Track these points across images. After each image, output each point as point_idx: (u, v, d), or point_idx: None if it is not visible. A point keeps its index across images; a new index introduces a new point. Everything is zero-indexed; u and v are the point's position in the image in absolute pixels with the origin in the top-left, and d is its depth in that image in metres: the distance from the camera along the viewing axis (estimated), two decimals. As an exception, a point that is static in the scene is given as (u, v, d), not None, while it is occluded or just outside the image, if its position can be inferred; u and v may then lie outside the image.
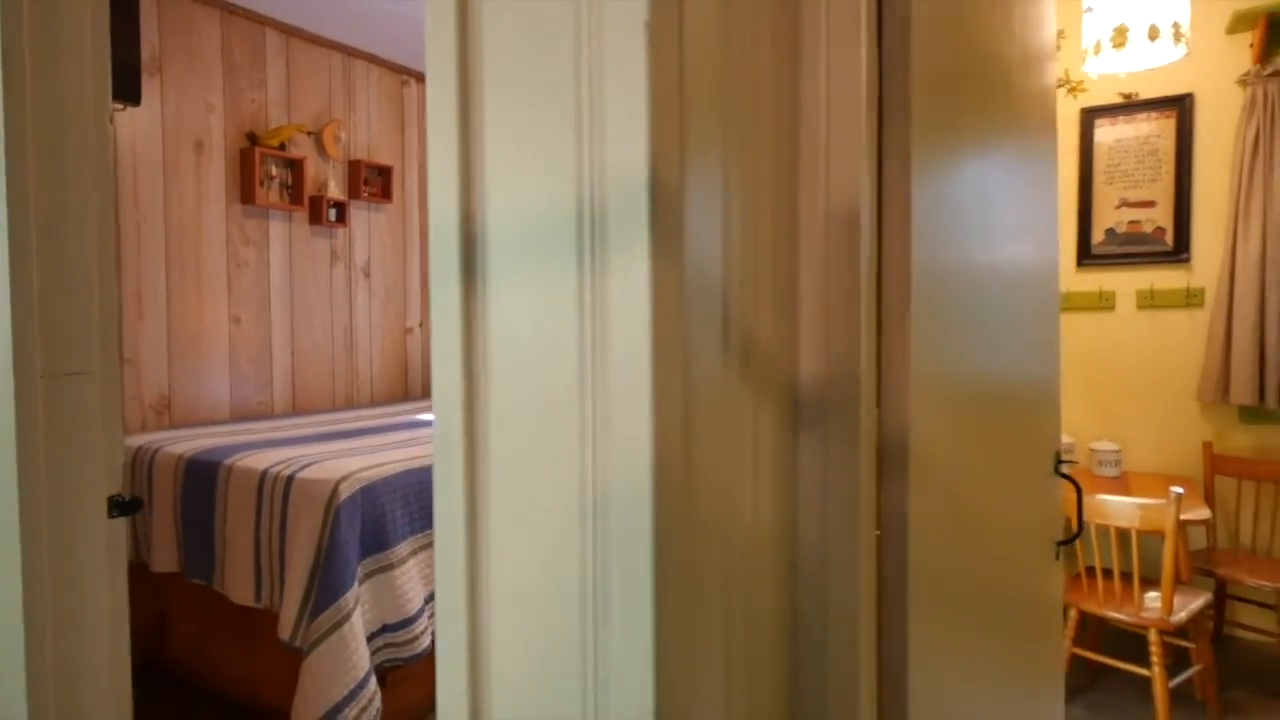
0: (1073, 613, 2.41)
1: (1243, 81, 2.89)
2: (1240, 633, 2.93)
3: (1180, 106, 3.02)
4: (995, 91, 1.00)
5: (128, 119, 2.89)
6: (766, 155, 0.60)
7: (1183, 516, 2.41)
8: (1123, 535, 2.97)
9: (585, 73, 0.42)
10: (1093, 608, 2.33)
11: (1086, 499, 2.29)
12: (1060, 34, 2.31)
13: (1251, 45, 2.86)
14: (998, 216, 1.04)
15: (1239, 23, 2.83)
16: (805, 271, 0.65)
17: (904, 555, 0.72)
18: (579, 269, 0.43)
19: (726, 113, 0.52)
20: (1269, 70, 2.80)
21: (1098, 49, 2.51)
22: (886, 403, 0.72)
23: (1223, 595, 2.87)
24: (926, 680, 0.77)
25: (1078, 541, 2.50)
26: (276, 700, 2.23)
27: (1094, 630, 2.74)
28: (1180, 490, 2.11)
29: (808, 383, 0.65)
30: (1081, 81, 2.46)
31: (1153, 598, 2.35)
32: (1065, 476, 1.33)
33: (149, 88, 2.96)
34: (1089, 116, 3.18)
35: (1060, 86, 2.34)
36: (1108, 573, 2.54)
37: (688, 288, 0.46)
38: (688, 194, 0.46)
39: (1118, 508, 2.23)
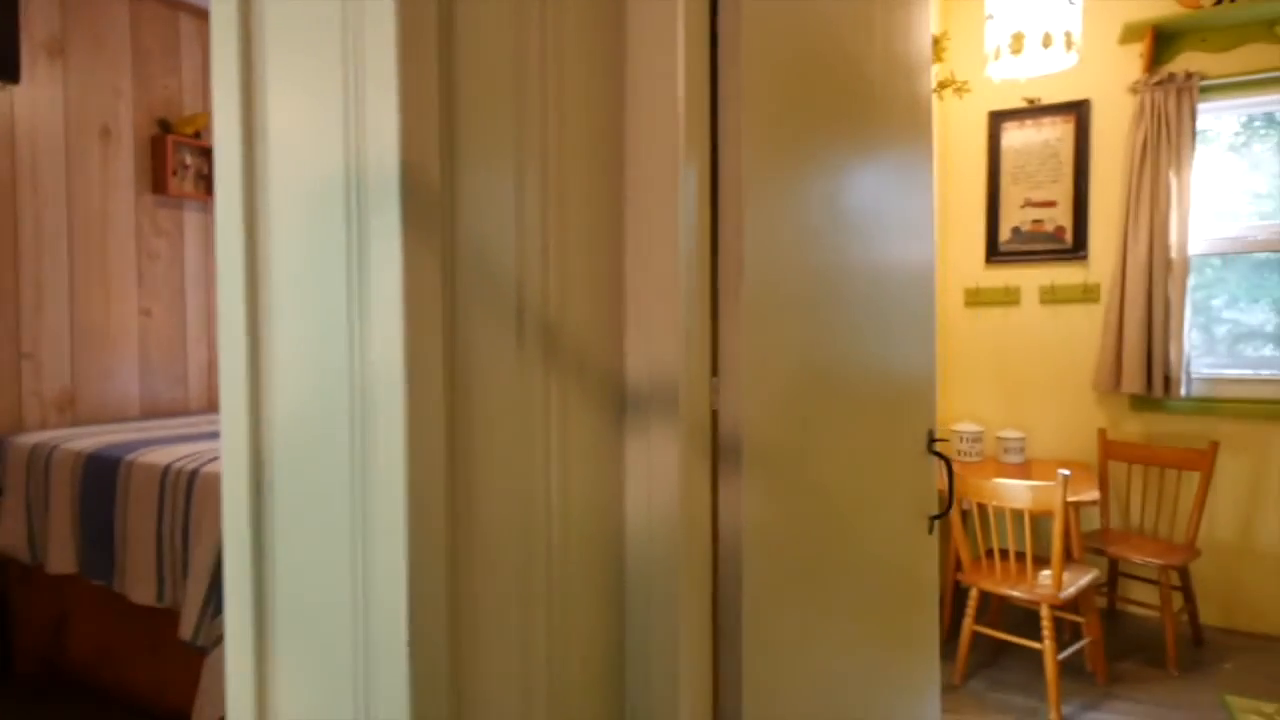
0: (974, 592, 2.53)
1: (1133, 89, 3.07)
2: (1130, 608, 3.11)
3: (1079, 112, 3.18)
4: (856, 97, 1.06)
5: (28, 103, 2.77)
6: (582, 153, 0.63)
7: (1072, 498, 2.55)
8: (1018, 517, 3.13)
9: (350, 52, 0.44)
10: (991, 586, 2.45)
11: (983, 483, 2.41)
12: (942, 37, 2.42)
13: (1141, 55, 3.04)
14: (863, 218, 1.09)
15: (1129, 34, 3.01)
16: (630, 270, 0.68)
17: (739, 543, 0.75)
18: (346, 251, 0.44)
19: (523, 109, 0.55)
20: (1156, 79, 2.98)
21: (997, 54, 2.63)
22: (725, 399, 0.76)
23: (1114, 573, 3.04)
24: (766, 659, 0.81)
25: (979, 524, 2.60)
26: (184, 704, 2.18)
27: (996, 609, 2.87)
28: (1066, 473, 2.24)
29: (634, 377, 0.68)
30: (966, 82, 2.58)
31: (1046, 575, 2.48)
32: (938, 455, 1.41)
33: (50, 70, 2.84)
34: (996, 120, 3.32)
35: (946, 88, 2.45)
36: (1005, 554, 2.67)
37: (461, 279, 0.48)
38: (462, 184, 0.48)
39: (1011, 490, 2.35)
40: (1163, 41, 3.02)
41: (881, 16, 1.15)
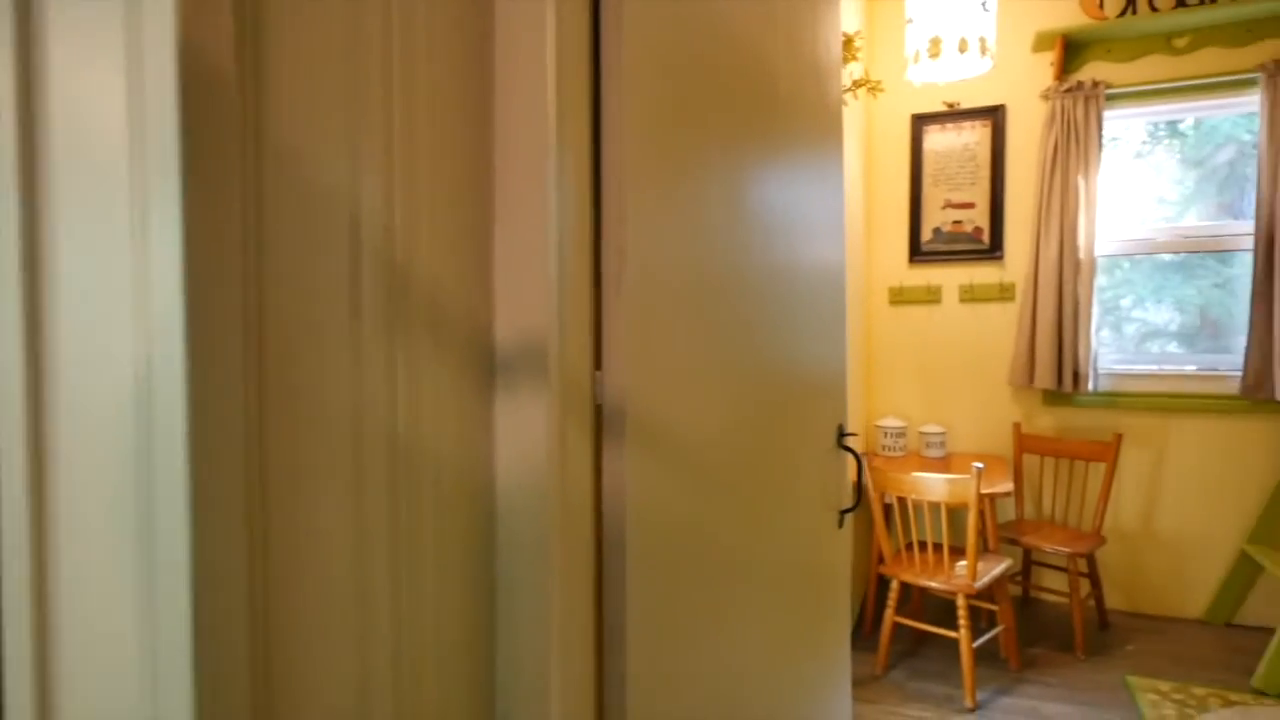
0: (895, 584, 2.58)
1: (1045, 96, 3.19)
2: (1043, 595, 3.23)
3: (995, 117, 3.29)
4: (759, 96, 1.05)
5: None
6: (443, 78, 0.59)
7: (987, 490, 2.63)
8: (936, 509, 3.22)
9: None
10: (910, 578, 2.50)
11: (903, 477, 2.46)
12: (855, 36, 2.47)
13: (1052, 64, 3.16)
14: (768, 215, 1.08)
15: (1041, 43, 3.12)
16: (499, 225, 0.65)
17: (623, 521, 0.73)
18: (130, 182, 0.39)
19: (356, 70, 0.51)
20: (1065, 87, 3.10)
21: (917, 58, 2.69)
22: (610, 379, 0.73)
23: (1028, 561, 3.16)
24: (657, 646, 0.78)
25: (900, 518, 2.66)
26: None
27: (918, 599, 2.94)
28: (980, 466, 2.31)
29: (503, 336, 0.65)
30: (880, 82, 2.64)
31: (962, 566, 2.55)
32: (848, 449, 1.42)
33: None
34: (918, 123, 3.41)
35: (860, 87, 2.49)
36: (925, 546, 2.73)
37: (271, 203, 0.44)
38: (271, 83, 0.44)
39: (929, 484, 2.40)
40: (1072, 51, 3.14)
41: (787, 17, 1.15)
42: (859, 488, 1.39)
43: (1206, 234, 3.11)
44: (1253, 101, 2.97)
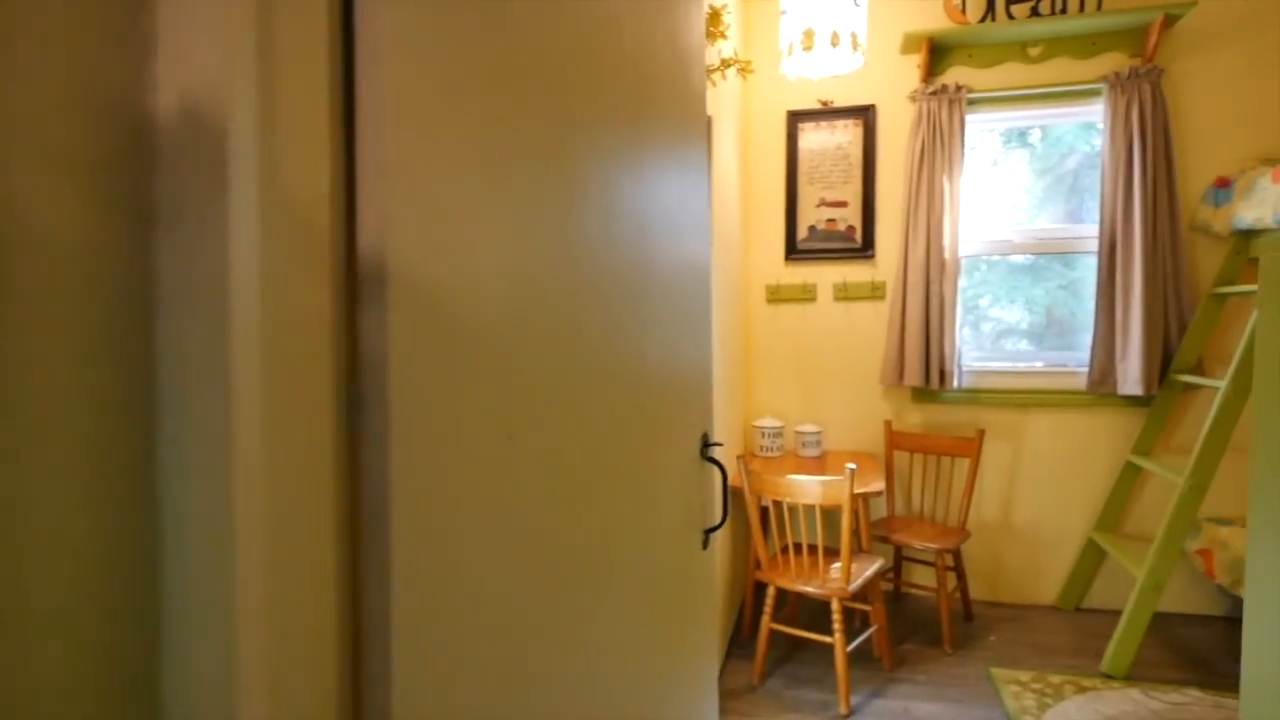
0: (771, 589, 2.50)
1: (912, 97, 3.23)
2: (914, 591, 3.28)
3: (866, 116, 3.31)
4: (601, 79, 0.87)
5: None
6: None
7: (860, 490, 2.61)
8: (811, 512, 3.19)
9: None
10: (786, 583, 2.43)
11: (778, 480, 2.38)
12: (721, 10, 2.37)
13: (919, 66, 3.21)
14: (610, 210, 0.91)
15: (909, 44, 3.16)
16: None
17: (386, 439, 0.51)
18: None
19: None
20: (931, 89, 3.15)
21: (790, 50, 2.63)
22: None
23: (900, 558, 3.20)
24: (433, 628, 0.58)
25: (775, 521, 2.58)
26: None
27: (795, 604, 2.90)
28: (852, 467, 2.26)
29: (167, 109, 0.40)
30: (750, 62, 2.56)
31: (837, 569, 2.51)
32: (712, 461, 1.28)
33: None
34: (794, 120, 3.38)
35: (728, 66, 2.40)
36: (801, 549, 2.68)
37: None
38: None
39: (803, 487, 2.33)
40: (937, 54, 3.20)
41: (630, 13, 0.98)
42: (725, 499, 1.25)
43: (1056, 237, 3.26)
44: (1097, 111, 3.13)
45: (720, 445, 1.28)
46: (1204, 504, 2.99)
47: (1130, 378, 2.93)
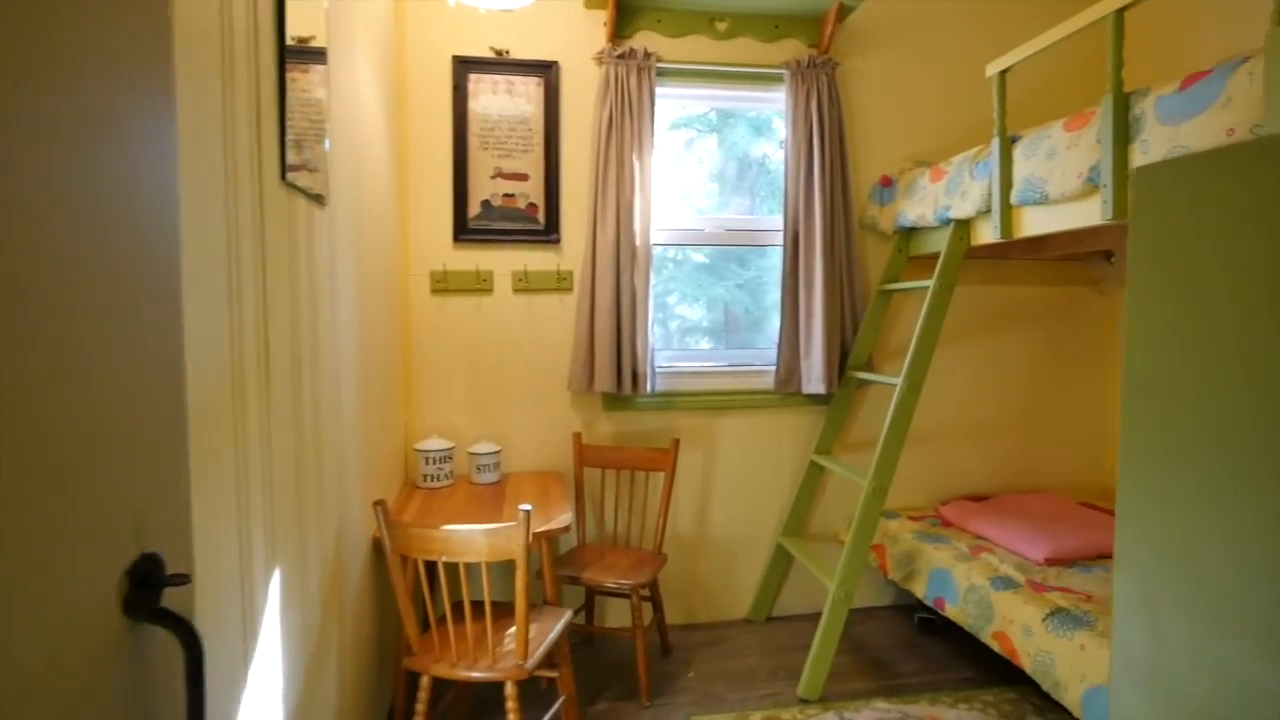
0: (425, 681, 1.85)
1: (598, 59, 2.80)
2: (608, 630, 2.88)
3: (548, 75, 2.80)
4: None
5: None
6: None
7: (544, 528, 2.08)
8: (478, 568, 2.54)
9: None
10: (446, 670, 1.80)
11: (429, 533, 1.74)
12: None
13: (605, 24, 2.79)
14: None
15: (594, -3, 2.72)
16: None
17: None
18: None
19: None
20: (618, 51, 2.75)
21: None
22: None
23: (592, 597, 2.75)
24: None
25: (429, 585, 1.90)
26: None
27: (461, 689, 2.26)
28: (527, 508, 1.70)
29: None
30: None
31: (513, 635, 1.94)
32: (162, 620, 0.59)
33: None
34: (463, 69, 2.74)
35: None
36: (472, 610, 2.03)
37: None
38: None
39: (465, 541, 1.72)
40: (625, 13, 2.81)
41: None
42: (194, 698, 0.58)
43: (744, 228, 3.09)
44: (781, 99, 3.01)
45: (186, 581, 0.59)
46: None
47: (813, 376, 2.84)
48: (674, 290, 3.13)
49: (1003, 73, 2.24)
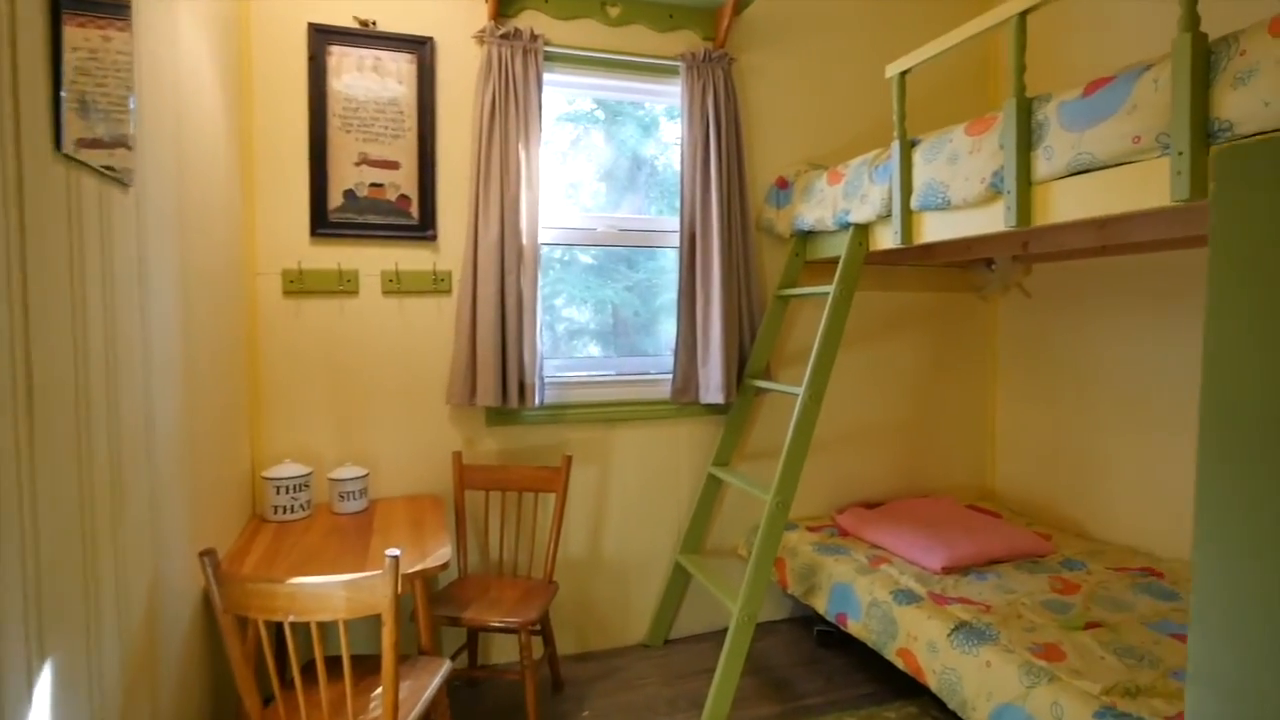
0: (269, 763, 1.53)
1: (479, 38, 2.54)
2: (495, 672, 2.61)
3: (421, 53, 2.50)
4: None
5: None
6: None
7: (418, 567, 1.80)
8: (334, 626, 2.20)
9: None
10: (294, 750, 1.49)
11: (271, 589, 1.43)
12: None
13: (486, 0, 2.53)
14: None
15: (473, -33, 2.46)
16: None
17: None
18: None
19: None
20: (502, 31, 2.49)
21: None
22: None
23: (476, 634, 2.48)
24: None
25: (272, 648, 1.55)
26: None
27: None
28: (396, 553, 1.43)
29: None
30: None
31: (379, 699, 1.66)
32: None
33: None
34: (320, 38, 2.40)
35: None
36: (334, 663, 1.72)
37: None
38: None
39: (315, 596, 1.43)
40: (508, -10, 2.56)
41: None
42: None
43: (638, 229, 2.92)
44: (675, 93, 2.86)
45: None
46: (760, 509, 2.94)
47: (712, 385, 2.70)
48: (561, 292, 2.91)
49: (903, 74, 2.18)
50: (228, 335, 2.07)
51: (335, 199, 2.44)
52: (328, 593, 1.44)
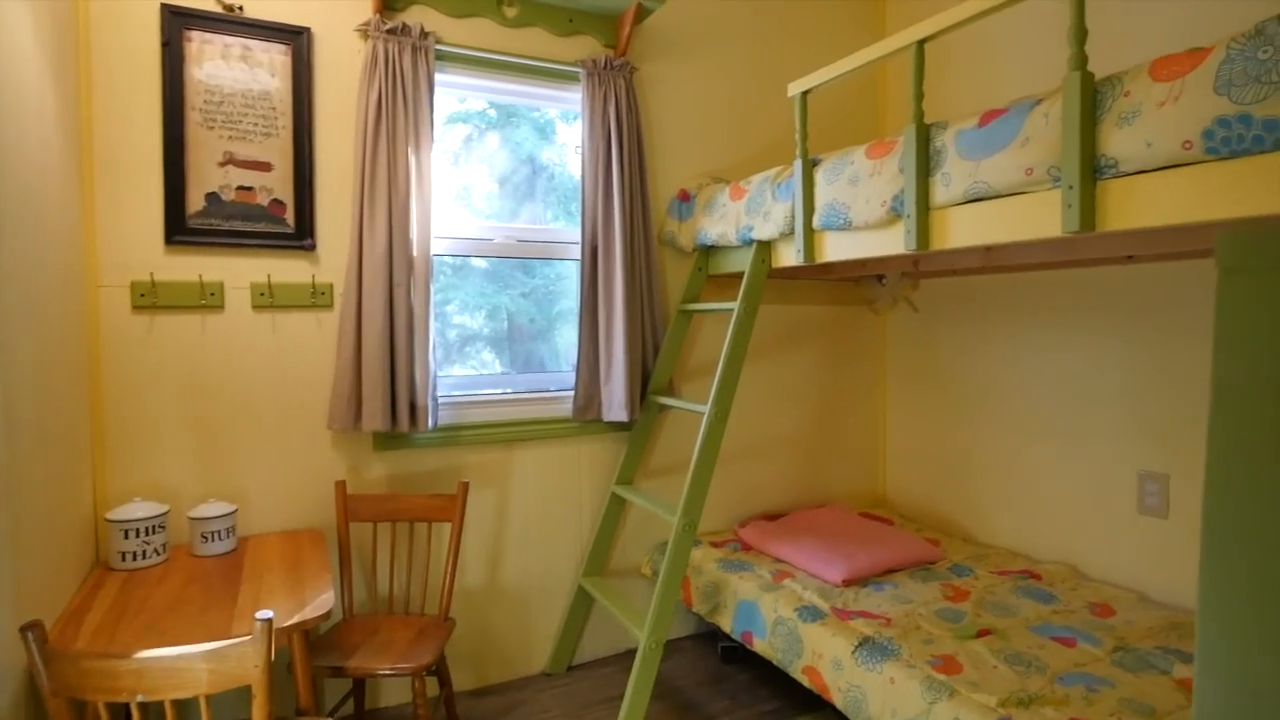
0: None
1: (363, 32, 2.35)
2: (385, 713, 2.42)
3: (297, 44, 2.28)
4: None
5: None
6: None
7: (295, 620, 1.62)
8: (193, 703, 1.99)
9: None
10: None
11: (113, 665, 1.22)
12: None
13: (371, -9, 2.34)
14: None
15: (356, -45, 2.26)
16: None
17: None
18: None
19: None
20: (390, 25, 2.31)
21: None
22: None
23: (362, 681, 2.29)
24: None
25: None
26: None
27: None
28: (268, 616, 1.26)
29: None
30: None
31: (250, 775, 1.47)
32: None
33: None
34: (176, 22, 2.13)
35: None
36: None
37: None
38: None
39: (169, 670, 1.23)
40: (395, -19, 2.38)
41: None
42: None
43: (538, 239, 2.80)
44: (574, 99, 2.76)
45: None
46: (664, 526, 2.90)
47: (615, 403, 2.63)
48: (453, 299, 2.75)
49: (804, 94, 2.19)
50: (60, 357, 1.79)
51: (196, 202, 2.18)
52: (185, 665, 1.24)
